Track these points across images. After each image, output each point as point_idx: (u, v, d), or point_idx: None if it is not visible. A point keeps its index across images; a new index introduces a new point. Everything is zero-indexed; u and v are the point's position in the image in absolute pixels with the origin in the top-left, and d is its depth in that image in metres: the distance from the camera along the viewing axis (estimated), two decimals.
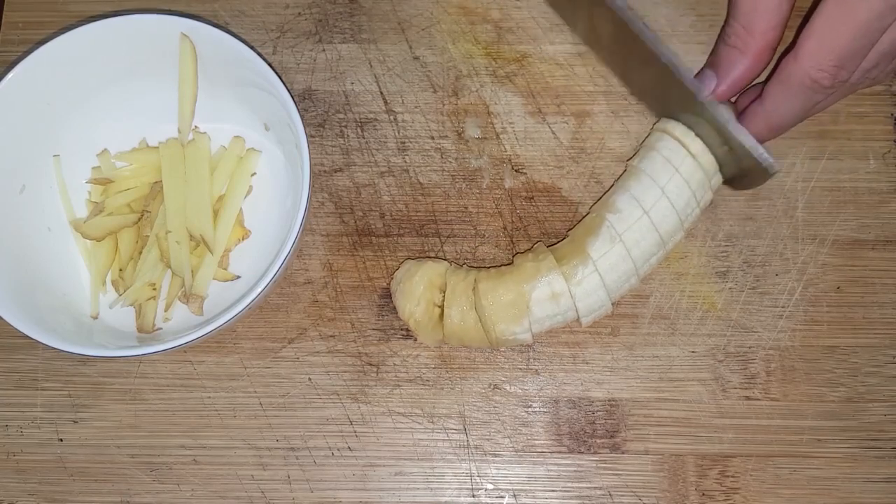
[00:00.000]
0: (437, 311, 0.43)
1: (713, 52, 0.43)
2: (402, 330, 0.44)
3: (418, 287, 0.42)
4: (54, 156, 0.45)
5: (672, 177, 0.42)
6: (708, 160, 0.42)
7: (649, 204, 0.42)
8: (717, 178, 0.43)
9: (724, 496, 0.42)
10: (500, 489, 0.43)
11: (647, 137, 0.45)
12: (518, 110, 0.47)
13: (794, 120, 0.41)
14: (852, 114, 0.47)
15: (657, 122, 0.45)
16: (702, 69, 0.43)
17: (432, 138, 0.47)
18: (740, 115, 0.42)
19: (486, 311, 0.41)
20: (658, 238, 0.42)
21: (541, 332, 0.43)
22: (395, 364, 0.44)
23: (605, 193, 0.45)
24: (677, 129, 0.43)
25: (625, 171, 0.45)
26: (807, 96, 0.40)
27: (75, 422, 0.44)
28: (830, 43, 0.38)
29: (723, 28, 0.42)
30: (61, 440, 0.44)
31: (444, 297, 0.42)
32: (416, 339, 0.44)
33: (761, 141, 0.41)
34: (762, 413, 0.43)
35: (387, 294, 0.45)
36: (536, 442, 0.43)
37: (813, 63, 0.38)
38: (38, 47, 0.41)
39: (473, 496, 0.43)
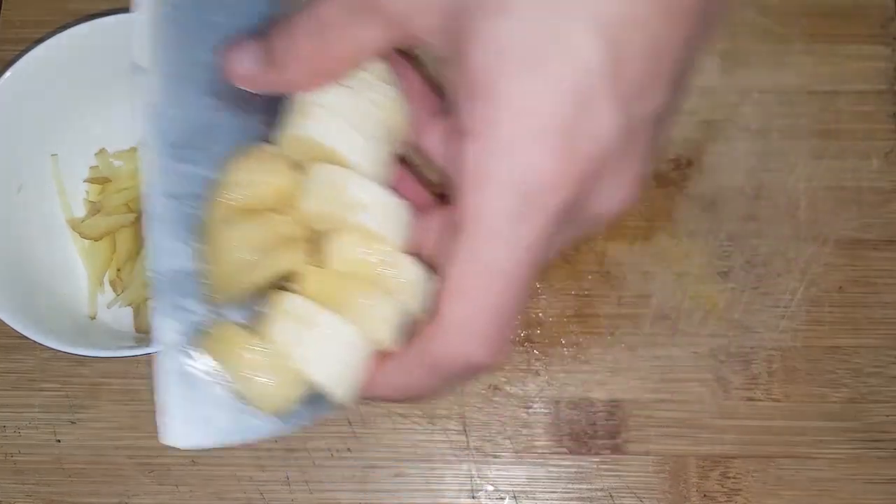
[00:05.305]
0: None
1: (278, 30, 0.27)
2: None
3: None
4: (52, 155, 0.44)
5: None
6: None
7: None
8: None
9: (726, 497, 0.42)
10: (501, 491, 0.43)
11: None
12: None
13: (432, 395, 0.28)
14: (855, 113, 0.47)
15: None
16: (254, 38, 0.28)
17: None
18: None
19: None
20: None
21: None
22: None
23: None
24: None
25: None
26: (459, 377, 0.26)
27: (73, 422, 0.44)
28: (479, 305, 0.24)
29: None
30: (59, 441, 0.43)
31: None
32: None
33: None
34: (764, 414, 0.43)
35: None
36: (537, 443, 0.43)
37: (464, 338, 0.25)
38: (35, 46, 0.41)
39: (473, 497, 0.42)
